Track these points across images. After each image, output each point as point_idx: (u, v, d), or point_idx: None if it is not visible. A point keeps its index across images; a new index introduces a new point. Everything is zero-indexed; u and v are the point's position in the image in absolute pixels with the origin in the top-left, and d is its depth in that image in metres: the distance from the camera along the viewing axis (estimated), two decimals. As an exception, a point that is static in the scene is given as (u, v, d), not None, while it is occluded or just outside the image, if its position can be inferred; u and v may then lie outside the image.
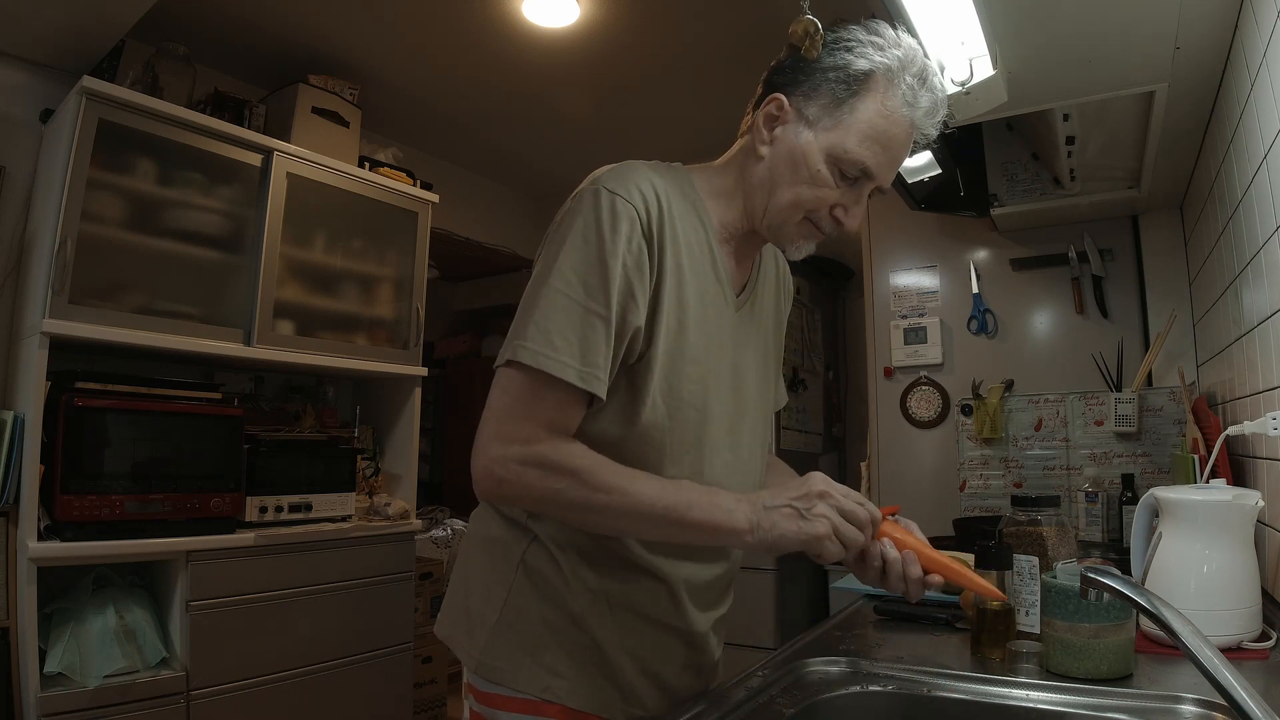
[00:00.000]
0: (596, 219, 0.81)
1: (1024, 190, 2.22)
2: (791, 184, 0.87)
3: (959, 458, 2.43)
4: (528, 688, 0.85)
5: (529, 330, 0.79)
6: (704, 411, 0.89)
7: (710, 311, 0.90)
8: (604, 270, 0.80)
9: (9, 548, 1.88)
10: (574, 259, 0.81)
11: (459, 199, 3.62)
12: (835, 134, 0.85)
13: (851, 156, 0.85)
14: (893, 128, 0.85)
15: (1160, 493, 1.05)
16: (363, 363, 2.66)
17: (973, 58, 1.30)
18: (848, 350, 3.37)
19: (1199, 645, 0.56)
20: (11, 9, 2.00)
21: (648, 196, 0.84)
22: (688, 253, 0.87)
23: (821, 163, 0.85)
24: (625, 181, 0.84)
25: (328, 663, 2.32)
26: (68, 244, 1.93)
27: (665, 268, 0.84)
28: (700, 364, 0.88)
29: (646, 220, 0.83)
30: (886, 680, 0.92)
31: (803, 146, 0.86)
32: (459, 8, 2.44)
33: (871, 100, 0.84)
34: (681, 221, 0.87)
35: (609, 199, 0.82)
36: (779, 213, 0.89)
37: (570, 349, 0.78)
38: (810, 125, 0.86)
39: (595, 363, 0.79)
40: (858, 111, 0.84)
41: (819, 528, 0.76)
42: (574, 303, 0.79)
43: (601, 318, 0.79)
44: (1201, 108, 1.57)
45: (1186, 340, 2.15)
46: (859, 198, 0.88)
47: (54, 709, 1.77)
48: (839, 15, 0.90)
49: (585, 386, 0.78)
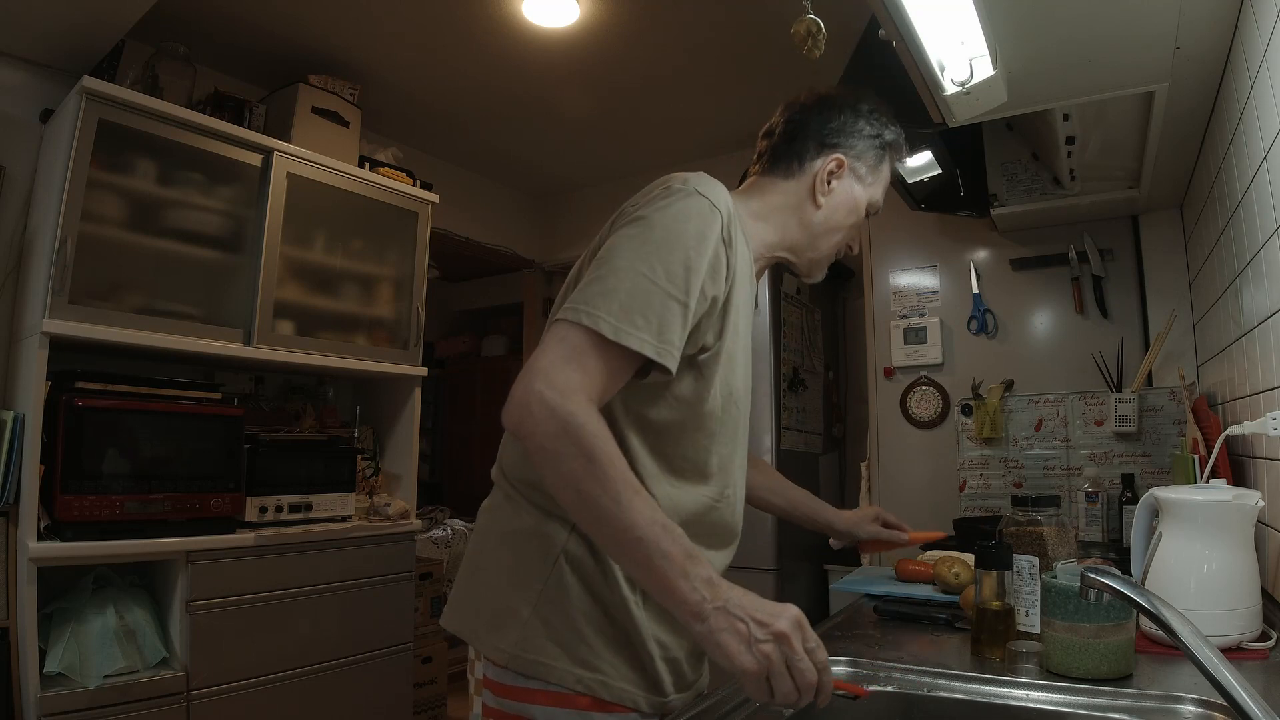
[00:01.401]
0: (687, 216, 0.88)
1: (1024, 190, 2.22)
2: (843, 227, 1.08)
3: (959, 458, 2.43)
4: (561, 680, 0.86)
5: (612, 304, 0.82)
6: (741, 408, 1.00)
7: (747, 321, 1.01)
8: (687, 263, 0.86)
9: (9, 548, 1.88)
10: (658, 245, 0.86)
11: (459, 199, 3.62)
12: (875, 189, 1.09)
13: (877, 203, 1.10)
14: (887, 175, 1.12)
15: (1160, 493, 1.05)
16: (363, 363, 2.66)
17: (973, 58, 1.30)
18: (848, 350, 3.37)
19: (1199, 645, 0.56)
20: (11, 9, 2.00)
21: (730, 206, 0.94)
22: (742, 265, 0.96)
23: (860, 205, 1.08)
24: (713, 188, 0.92)
25: (328, 663, 2.32)
26: (68, 244, 1.93)
27: (737, 274, 0.93)
28: (742, 364, 0.99)
29: (728, 227, 0.92)
30: (886, 680, 0.92)
31: (856, 199, 1.07)
32: (459, 8, 2.44)
33: (889, 164, 1.10)
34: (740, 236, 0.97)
35: (699, 201, 0.89)
36: (828, 248, 1.08)
37: (650, 327, 0.82)
38: (860, 180, 1.08)
39: (671, 340, 0.84)
40: (884, 172, 1.10)
41: (751, 664, 0.70)
42: (656, 287, 0.84)
43: (681, 304, 0.85)
44: (1201, 108, 1.57)
45: (1186, 340, 2.15)
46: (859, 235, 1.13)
47: (54, 709, 1.77)
48: (839, 16, 0.90)
49: (660, 359, 0.82)
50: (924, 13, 1.16)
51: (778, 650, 0.70)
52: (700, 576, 0.73)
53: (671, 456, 0.92)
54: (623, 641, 0.89)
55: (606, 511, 0.76)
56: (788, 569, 2.73)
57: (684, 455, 0.92)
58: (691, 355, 0.89)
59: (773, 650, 0.70)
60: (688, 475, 0.93)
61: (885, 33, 1.19)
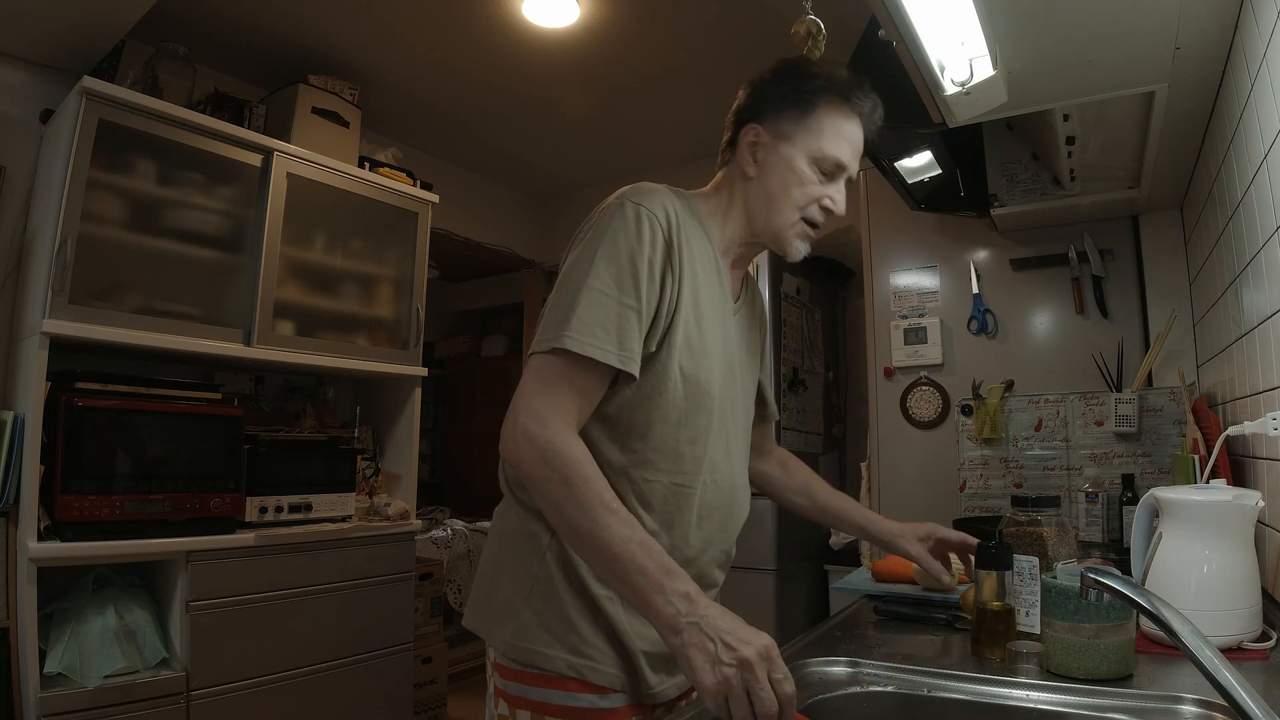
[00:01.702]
0: (626, 226, 0.95)
1: (1024, 190, 2.22)
2: (785, 190, 1.03)
3: (959, 458, 2.43)
4: (553, 665, 0.93)
5: (572, 323, 0.89)
6: (712, 397, 1.01)
7: (716, 312, 1.03)
8: (634, 270, 0.93)
9: (9, 548, 1.88)
10: (609, 262, 0.93)
11: (459, 199, 3.62)
12: (809, 139, 1.02)
13: (827, 154, 1.02)
14: (849, 125, 1.04)
15: (1160, 493, 1.05)
16: (363, 363, 2.66)
17: (973, 58, 1.30)
18: (848, 350, 3.37)
19: (1199, 645, 0.56)
20: (11, 9, 2.00)
21: (668, 209, 0.98)
22: (700, 260, 1.01)
23: (805, 165, 1.02)
24: (649, 197, 0.98)
25: (328, 663, 2.32)
26: (68, 244, 1.93)
27: (684, 269, 0.98)
28: (710, 355, 1.01)
29: (667, 228, 0.97)
30: (886, 680, 0.92)
31: (787, 157, 1.03)
32: (459, 8, 2.44)
33: (827, 107, 1.03)
34: (691, 235, 1.01)
35: (634, 209, 0.96)
36: (781, 218, 1.04)
37: (610, 338, 0.90)
38: (787, 139, 1.03)
39: (631, 348, 0.91)
40: (821, 119, 1.02)
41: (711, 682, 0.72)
42: (610, 299, 0.91)
43: (634, 310, 0.92)
44: (1201, 108, 1.57)
45: (1186, 340, 2.15)
46: (839, 188, 1.05)
47: (54, 709, 1.77)
48: (839, 16, 0.90)
49: (624, 368, 0.90)
50: (924, 13, 1.16)
51: (739, 675, 0.72)
52: (677, 591, 0.77)
53: (637, 448, 0.96)
54: (610, 632, 0.94)
55: (586, 532, 0.83)
56: (788, 569, 2.73)
57: (651, 445, 0.96)
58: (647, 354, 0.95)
59: (734, 675, 0.72)
60: (658, 464, 0.97)
61: (885, 33, 1.19)
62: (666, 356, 0.96)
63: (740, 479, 1.08)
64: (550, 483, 0.85)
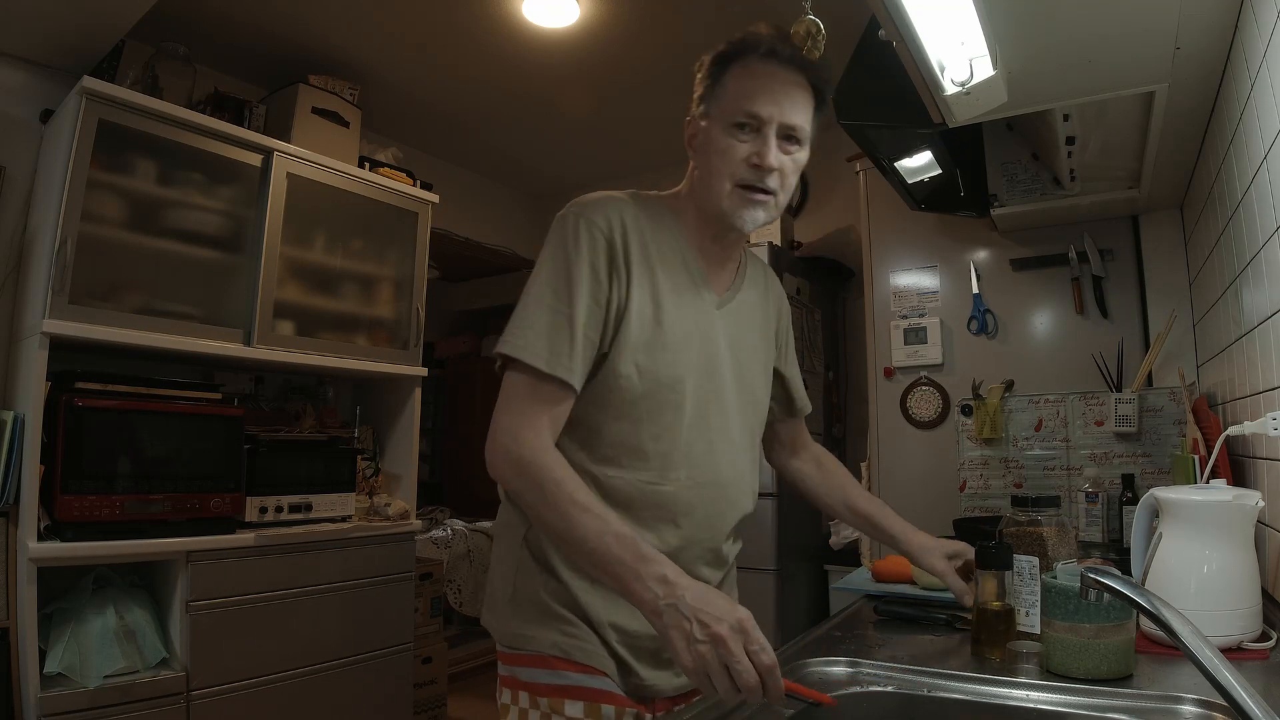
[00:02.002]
0: (565, 237, 0.98)
1: (1024, 190, 2.22)
2: (712, 165, 1.01)
3: (959, 458, 2.43)
4: (539, 646, 0.97)
5: (511, 329, 0.95)
6: (680, 393, 1.00)
7: (687, 309, 1.03)
8: (570, 278, 0.95)
9: (9, 548, 1.88)
10: (547, 271, 0.97)
11: (459, 199, 3.62)
12: (720, 107, 1.00)
13: (737, 109, 0.98)
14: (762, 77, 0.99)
15: (1160, 493, 1.05)
16: (363, 363, 2.66)
17: (973, 58, 1.30)
18: (848, 350, 3.37)
19: (1199, 645, 0.56)
20: (11, 9, 2.00)
21: (611, 215, 1.00)
22: (660, 259, 1.02)
23: (722, 134, 1.00)
24: (591, 206, 1.00)
25: (328, 663, 2.32)
26: (68, 244, 1.93)
27: (633, 270, 0.99)
28: (675, 351, 1.00)
29: (609, 232, 0.98)
30: (886, 680, 0.92)
31: (710, 134, 1.02)
32: (459, 8, 2.44)
33: (734, 71, 1.00)
34: (652, 235, 1.02)
35: (575, 220, 0.99)
36: (714, 192, 1.01)
37: (540, 342, 0.93)
38: (708, 117, 1.02)
39: (561, 351, 0.93)
40: (727, 84, 1.00)
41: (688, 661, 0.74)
42: (545, 306, 0.95)
43: (567, 316, 0.94)
44: (1201, 108, 1.57)
45: (1186, 340, 2.15)
46: (765, 142, 0.99)
47: (54, 709, 1.77)
48: (839, 16, 0.90)
49: (550, 370, 0.92)
50: (924, 13, 1.15)
51: (713, 652, 0.74)
52: (653, 576, 0.80)
53: (596, 446, 0.98)
54: (585, 618, 0.97)
55: (564, 532, 0.86)
56: (788, 569, 2.73)
57: (609, 443, 0.98)
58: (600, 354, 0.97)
59: (708, 651, 0.74)
60: (620, 461, 0.98)
61: (885, 33, 1.18)
62: (617, 356, 0.97)
63: (731, 475, 1.05)
64: (527, 491, 0.89)
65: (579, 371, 0.94)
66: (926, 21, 1.18)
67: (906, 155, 2.07)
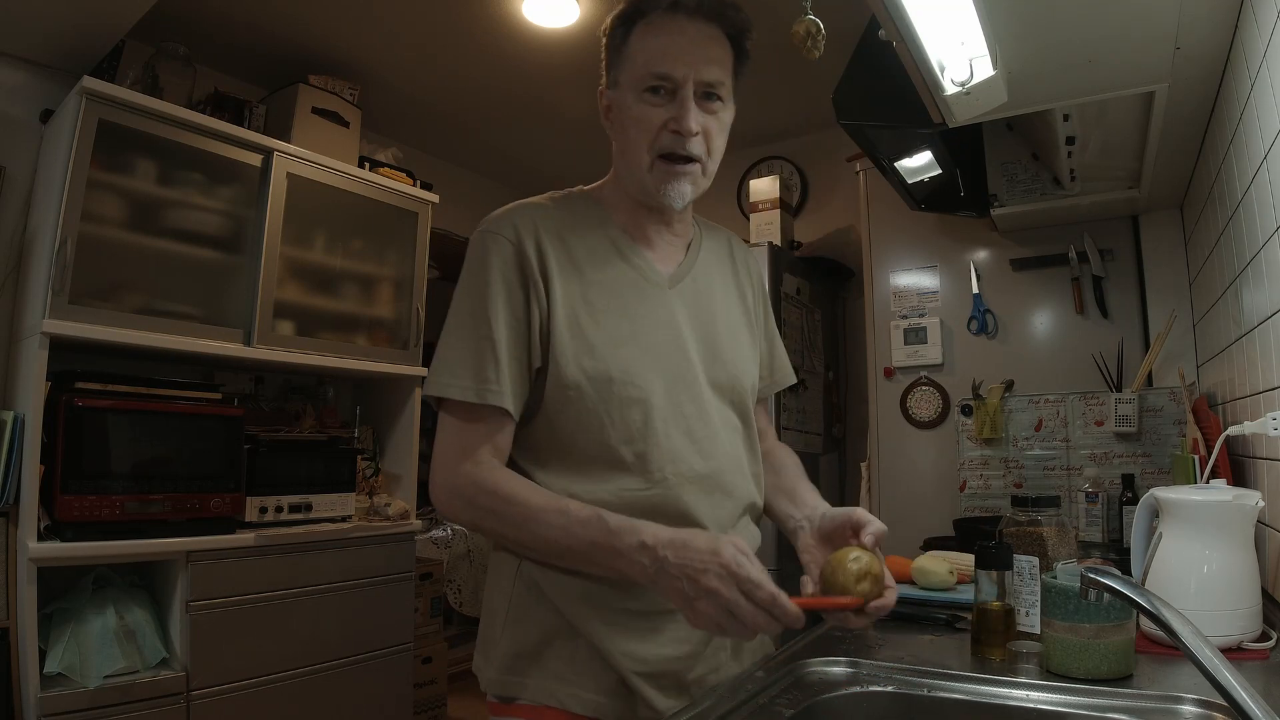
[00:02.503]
0: (473, 257, 0.94)
1: (1024, 190, 2.22)
2: (626, 135, 0.94)
3: (959, 458, 2.43)
4: (534, 696, 0.89)
5: (434, 368, 0.91)
6: (644, 388, 0.92)
7: (631, 299, 0.96)
8: (483, 296, 0.90)
9: (9, 548, 1.88)
10: (460, 297, 0.93)
11: (459, 199, 3.62)
12: (629, 73, 0.93)
13: (645, 72, 0.90)
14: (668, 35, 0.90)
15: (1160, 493, 1.05)
16: (363, 363, 2.66)
17: (973, 58, 1.30)
18: (848, 350, 3.37)
19: (1199, 645, 0.56)
20: (11, 9, 2.00)
21: (519, 223, 0.94)
22: (587, 255, 0.96)
23: (634, 102, 0.92)
24: (497, 219, 0.96)
25: (328, 663, 2.32)
26: (68, 244, 1.93)
27: (551, 276, 0.92)
28: (626, 346, 0.93)
29: (518, 242, 0.93)
30: (886, 680, 0.92)
31: (620, 103, 0.94)
32: (459, 8, 2.45)
33: (638, 32, 0.92)
34: (573, 233, 0.96)
35: (480, 237, 0.94)
36: (633, 166, 0.95)
37: (466, 373, 0.88)
38: (616, 85, 0.95)
39: (488, 378, 0.88)
40: (631, 46, 0.93)
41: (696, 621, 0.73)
42: (464, 333, 0.90)
43: (489, 340, 0.89)
44: (1201, 108, 1.57)
45: (1186, 340, 2.15)
46: (683, 104, 0.90)
47: (54, 709, 1.77)
48: (839, 16, 0.90)
49: (481, 401, 0.88)
50: (924, 13, 1.15)
51: (713, 603, 0.71)
52: (631, 546, 0.77)
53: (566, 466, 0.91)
54: (594, 652, 0.89)
55: (533, 543, 0.84)
56: (787, 569, 2.73)
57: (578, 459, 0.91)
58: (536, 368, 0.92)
59: (708, 605, 0.72)
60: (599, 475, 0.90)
61: (885, 33, 1.18)
62: (558, 367, 0.90)
63: (721, 463, 0.96)
64: (483, 519, 0.87)
65: (511, 394, 0.89)
66: (926, 21, 1.18)
67: (906, 155, 2.07)
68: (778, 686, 0.88)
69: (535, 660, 0.90)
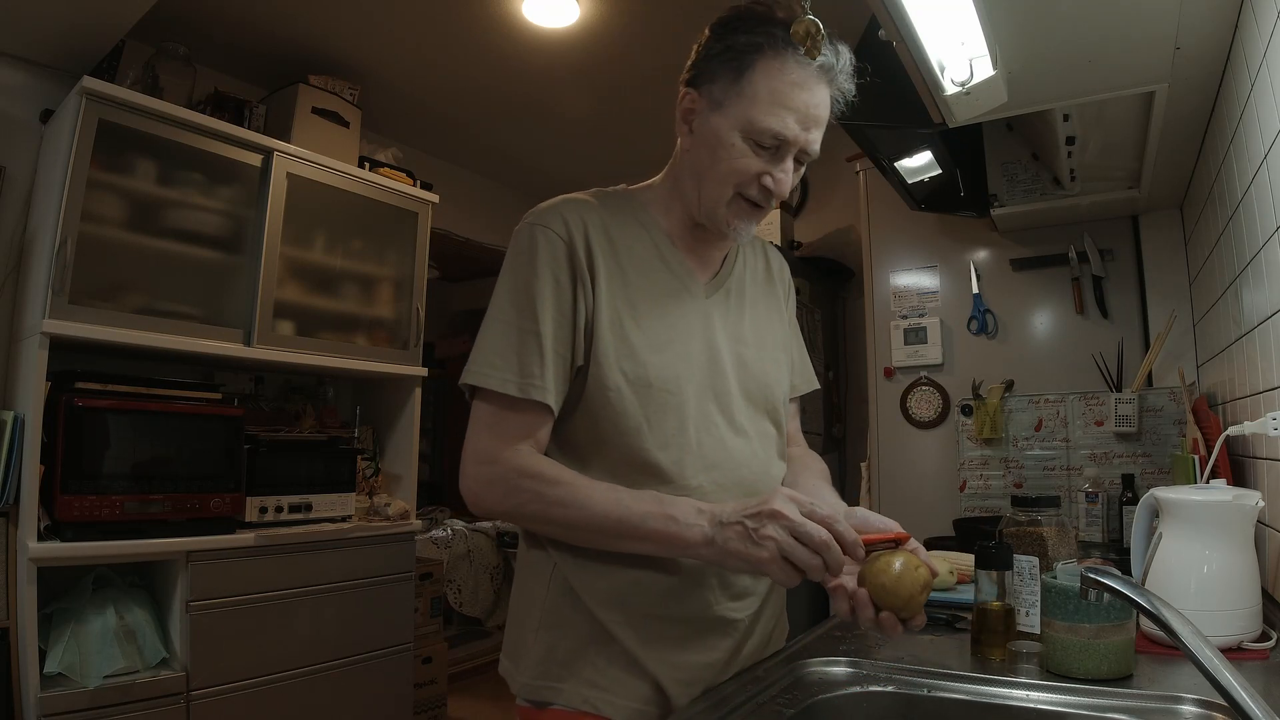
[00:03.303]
0: (520, 249, 0.92)
1: (1024, 190, 2.22)
2: (714, 165, 0.91)
3: (959, 458, 2.43)
4: (569, 701, 0.88)
5: (474, 357, 0.89)
6: (679, 394, 0.92)
7: (670, 304, 0.96)
8: (530, 292, 0.89)
9: (9, 548, 1.88)
10: (505, 287, 0.92)
11: (459, 199, 3.62)
12: (740, 108, 0.88)
13: (760, 125, 0.87)
14: (795, 90, 0.87)
15: (1160, 493, 1.05)
16: (363, 363, 2.66)
17: (973, 58, 1.30)
18: (848, 350, 3.37)
19: (1199, 645, 0.56)
20: (11, 9, 2.00)
21: (568, 218, 0.92)
22: (630, 257, 0.95)
23: (737, 138, 0.89)
24: (546, 212, 0.94)
25: (328, 663, 2.32)
26: (68, 244, 1.93)
27: (599, 274, 0.91)
28: (664, 351, 0.93)
29: (568, 238, 0.91)
30: (886, 680, 0.92)
31: (715, 128, 0.90)
32: (459, 8, 2.44)
33: (764, 69, 0.87)
34: (619, 233, 0.95)
35: (528, 229, 0.93)
36: (710, 195, 0.93)
37: (509, 366, 0.87)
38: (718, 107, 0.90)
39: (532, 373, 0.87)
40: (755, 83, 0.88)
41: (763, 552, 0.74)
42: (508, 325, 0.89)
43: (534, 334, 0.88)
44: (1201, 108, 1.57)
45: (1186, 340, 2.15)
46: (783, 165, 0.91)
47: (54, 709, 1.77)
48: (839, 16, 0.90)
49: (524, 396, 0.87)
50: (924, 13, 1.16)
51: (777, 528, 0.73)
52: (688, 511, 0.79)
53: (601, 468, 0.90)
54: (629, 659, 0.89)
55: (582, 523, 0.82)
56: (788, 569, 2.73)
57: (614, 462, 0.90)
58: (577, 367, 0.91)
59: (773, 530, 0.73)
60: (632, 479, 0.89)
61: (885, 33, 1.18)
62: (599, 368, 0.89)
63: (754, 470, 0.97)
64: (528, 503, 0.85)
65: (554, 390, 0.88)
66: (926, 21, 1.18)
67: (906, 155, 2.08)
68: (778, 686, 0.88)
69: (569, 666, 0.89)
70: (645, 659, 0.88)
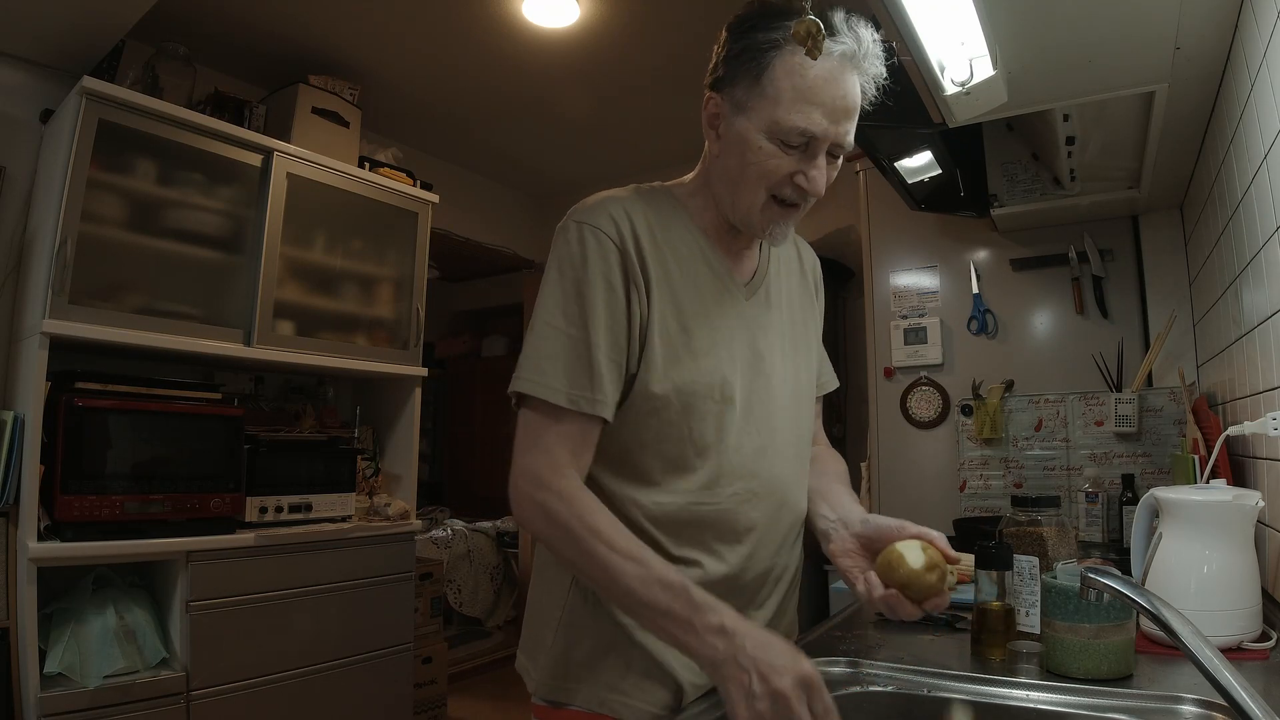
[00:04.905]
0: (569, 251, 0.88)
1: (1024, 190, 2.22)
2: (744, 169, 0.89)
3: (959, 458, 2.43)
4: (585, 703, 0.88)
5: (523, 364, 0.86)
6: (724, 401, 0.91)
7: (714, 307, 0.93)
8: (581, 297, 0.86)
9: (9, 548, 1.88)
10: (554, 292, 0.88)
11: (459, 199, 3.62)
12: (764, 108, 0.85)
13: (786, 124, 0.84)
14: (819, 83, 0.84)
15: (1160, 493, 1.05)
16: (363, 363, 2.66)
17: (973, 58, 1.30)
18: (848, 350, 3.37)
19: (1199, 645, 0.56)
20: (11, 9, 2.00)
21: (618, 218, 0.89)
22: (675, 259, 0.92)
23: (764, 139, 0.86)
24: (594, 211, 0.90)
25: (328, 663, 2.32)
26: (68, 244, 1.93)
27: (651, 277, 0.89)
28: (711, 356, 0.91)
29: (620, 240, 0.88)
30: (886, 680, 0.92)
31: (742, 132, 0.88)
32: (459, 8, 2.44)
33: (783, 66, 0.84)
34: (663, 233, 0.92)
35: (577, 230, 0.89)
36: (743, 201, 0.91)
37: (558, 375, 0.84)
38: (742, 110, 0.87)
39: (583, 384, 0.84)
40: (777, 81, 0.84)
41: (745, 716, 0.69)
42: (558, 332, 0.85)
43: (584, 340, 0.85)
44: (1201, 108, 1.57)
45: (1186, 340, 2.15)
46: (815, 161, 0.87)
47: (54, 709, 1.77)
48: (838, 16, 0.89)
49: (574, 408, 0.84)
50: (924, 13, 1.16)
51: (773, 708, 0.67)
52: (710, 627, 0.73)
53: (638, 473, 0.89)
54: (646, 659, 0.88)
55: (605, 583, 0.80)
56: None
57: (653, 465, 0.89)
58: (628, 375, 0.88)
59: (767, 709, 0.68)
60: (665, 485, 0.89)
61: (885, 33, 1.18)
62: (648, 374, 0.87)
63: (787, 477, 0.97)
64: (558, 541, 0.82)
65: (607, 401, 0.85)
66: (926, 21, 1.18)
67: (906, 155, 2.07)
68: (778, 686, 0.88)
69: (588, 667, 0.89)
70: (667, 661, 0.88)
